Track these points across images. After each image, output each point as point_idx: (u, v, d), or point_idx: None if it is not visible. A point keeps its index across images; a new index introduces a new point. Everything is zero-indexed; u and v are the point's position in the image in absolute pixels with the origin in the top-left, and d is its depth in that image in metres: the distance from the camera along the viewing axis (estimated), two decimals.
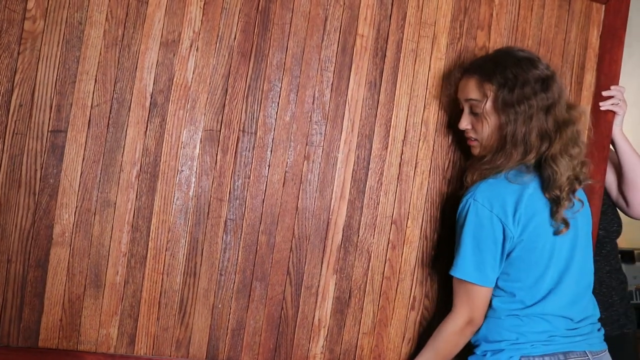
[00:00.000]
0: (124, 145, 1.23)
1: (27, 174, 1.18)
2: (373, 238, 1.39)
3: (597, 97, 1.58)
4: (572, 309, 1.31)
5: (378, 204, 1.39)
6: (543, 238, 1.27)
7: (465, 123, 1.33)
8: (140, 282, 1.25)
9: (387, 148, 1.39)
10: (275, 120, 1.32)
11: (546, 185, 1.26)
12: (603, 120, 1.59)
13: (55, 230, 1.20)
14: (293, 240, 1.34)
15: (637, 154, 1.61)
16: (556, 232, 1.27)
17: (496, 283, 1.30)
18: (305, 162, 1.34)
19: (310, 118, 1.34)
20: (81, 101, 1.21)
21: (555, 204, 1.26)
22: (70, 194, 1.20)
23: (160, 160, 1.25)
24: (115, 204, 1.23)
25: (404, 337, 1.43)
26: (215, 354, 1.30)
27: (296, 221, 1.34)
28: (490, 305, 1.30)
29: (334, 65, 1.35)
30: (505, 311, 1.29)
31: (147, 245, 1.25)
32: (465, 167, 1.38)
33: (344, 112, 1.36)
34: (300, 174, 1.34)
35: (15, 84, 1.17)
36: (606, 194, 1.72)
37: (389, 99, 1.39)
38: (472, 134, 1.34)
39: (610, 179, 1.71)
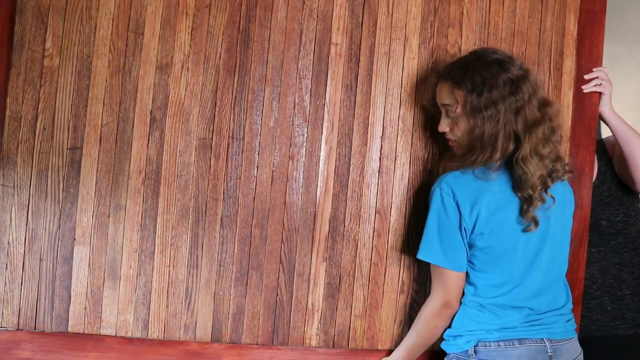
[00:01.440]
0: (130, 156, 1.44)
1: (52, 186, 1.41)
2: (358, 227, 1.51)
3: (580, 82, 1.61)
4: (536, 301, 1.36)
5: (361, 195, 1.51)
6: (507, 233, 1.33)
7: (443, 126, 1.41)
8: (150, 274, 1.44)
9: (366, 144, 1.52)
10: (261, 126, 1.48)
11: (518, 184, 1.31)
12: (588, 104, 1.63)
13: (77, 232, 1.42)
14: (283, 232, 1.49)
15: (631, 129, 1.59)
16: (525, 230, 1.32)
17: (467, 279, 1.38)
18: (290, 161, 1.49)
19: (292, 122, 1.49)
20: (93, 122, 1.43)
21: (526, 203, 1.31)
22: (87, 201, 1.42)
23: (161, 168, 1.45)
24: (125, 207, 1.43)
25: (395, 319, 1.53)
26: (219, 336, 1.46)
27: (285, 215, 1.49)
28: None
29: (311, 73, 1.50)
30: (469, 301, 1.37)
31: (155, 241, 1.44)
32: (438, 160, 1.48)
33: (323, 115, 1.50)
34: (286, 172, 1.49)
35: (39, 112, 1.41)
36: (615, 184, 1.71)
37: (365, 99, 1.52)
38: (450, 136, 1.41)
39: (617, 165, 1.71)
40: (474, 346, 1.34)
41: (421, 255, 1.38)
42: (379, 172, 1.52)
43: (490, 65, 1.34)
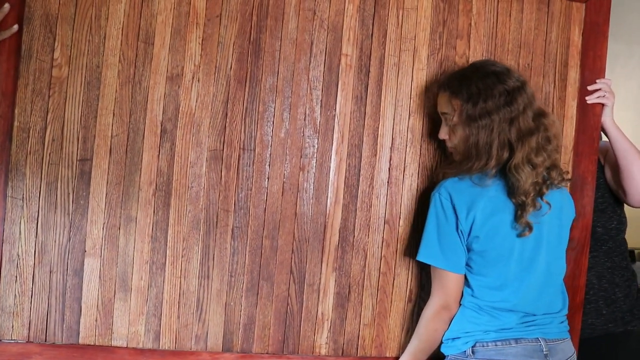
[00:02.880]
0: (141, 168, 1.43)
1: (61, 197, 1.40)
2: (368, 237, 1.53)
3: (584, 92, 1.65)
4: (532, 305, 1.40)
5: (370, 206, 1.53)
6: (502, 237, 1.36)
7: (442, 134, 1.46)
8: (161, 285, 1.44)
9: (376, 155, 1.53)
10: (271, 137, 1.48)
11: (512, 191, 1.36)
12: (591, 114, 1.66)
13: (87, 244, 1.41)
14: (294, 243, 1.50)
15: (629, 142, 1.64)
16: (519, 235, 1.37)
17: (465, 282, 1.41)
18: (301, 172, 1.50)
19: (303, 133, 1.50)
20: (102, 133, 1.41)
21: (520, 209, 1.35)
22: (98, 213, 1.41)
23: (172, 179, 1.44)
24: (136, 219, 1.43)
25: (403, 327, 1.55)
26: (230, 346, 1.47)
27: (296, 226, 1.50)
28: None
29: (321, 84, 1.50)
30: (467, 302, 1.40)
31: (166, 253, 1.44)
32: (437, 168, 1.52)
33: (334, 126, 1.51)
34: (297, 183, 1.49)
35: (47, 122, 1.39)
36: (608, 191, 1.76)
37: (375, 110, 1.53)
38: (449, 143, 1.46)
39: (608, 173, 1.76)
40: (472, 347, 1.38)
41: (421, 257, 1.41)
42: (388, 182, 1.54)
43: (487, 76, 1.39)
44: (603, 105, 1.65)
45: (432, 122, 1.55)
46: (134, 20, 1.42)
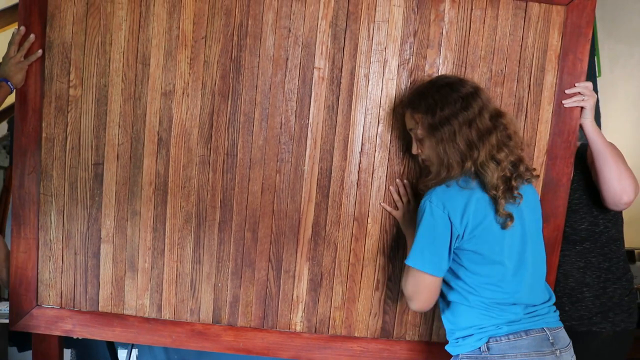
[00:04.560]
0: (142, 170, 1.70)
1: (81, 195, 1.71)
2: (338, 232, 1.72)
3: (561, 96, 1.67)
4: (530, 296, 1.49)
5: (341, 205, 1.71)
6: (494, 234, 1.45)
7: (414, 149, 1.57)
8: (162, 268, 1.74)
9: (346, 159, 1.69)
10: (251, 144, 1.69)
11: (485, 187, 1.46)
12: (568, 118, 1.69)
13: (102, 233, 1.73)
14: (272, 235, 1.72)
15: (605, 145, 1.65)
16: (503, 226, 1.45)
17: (461, 277, 1.48)
18: (278, 175, 1.70)
19: (279, 140, 1.69)
20: (111, 142, 1.69)
21: (495, 202, 1.45)
22: (109, 207, 1.72)
23: (168, 180, 1.70)
24: (140, 213, 1.72)
25: (370, 312, 1.75)
26: (219, 319, 1.76)
27: (273, 221, 1.72)
28: (459, 296, 1.49)
29: (296, 95, 1.67)
30: (471, 302, 1.47)
31: (164, 241, 1.73)
32: (418, 181, 1.64)
33: (307, 133, 1.68)
34: (274, 184, 1.70)
35: (67, 134, 1.69)
36: (586, 193, 1.77)
37: (346, 119, 1.68)
38: (422, 156, 1.56)
39: (593, 174, 1.74)
40: (486, 343, 1.44)
41: (410, 262, 1.47)
42: (357, 184, 1.70)
43: (441, 88, 1.50)
44: (582, 108, 1.67)
45: (401, 129, 1.67)
46: (132, 45, 1.66)
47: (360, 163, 1.69)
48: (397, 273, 1.73)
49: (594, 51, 3.00)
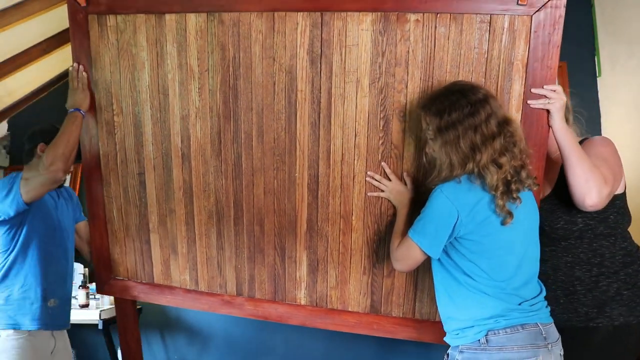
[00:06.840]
0: (173, 178, 2.14)
1: (132, 197, 2.21)
2: (328, 227, 2.03)
3: (528, 97, 1.74)
4: (525, 290, 1.61)
5: (328, 205, 2.00)
6: (495, 228, 1.56)
7: (427, 148, 1.71)
8: (195, 252, 2.20)
9: (330, 167, 1.96)
10: (252, 156, 2.03)
11: (485, 187, 1.57)
12: (537, 125, 1.77)
13: (150, 226, 2.23)
14: (275, 229, 2.09)
15: (573, 147, 1.67)
16: (503, 222, 1.56)
17: (462, 269, 1.59)
18: (275, 180, 2.03)
19: (274, 152, 2.00)
20: (148, 156, 2.14)
21: (494, 201, 1.56)
22: (153, 207, 2.19)
23: (192, 185, 2.12)
24: (175, 211, 2.18)
25: (360, 292, 2.07)
26: (242, 292, 2.20)
27: (276, 217, 2.07)
28: (460, 287, 1.60)
29: (284, 114, 1.96)
30: (471, 292, 1.57)
31: (195, 232, 2.18)
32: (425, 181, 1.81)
33: (296, 146, 1.97)
34: (273, 188, 2.04)
35: (117, 151, 2.17)
36: (558, 193, 1.82)
37: (327, 133, 1.93)
38: (433, 154, 1.67)
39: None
40: (485, 335, 1.54)
41: (411, 234, 1.62)
42: (341, 187, 1.97)
43: (453, 93, 1.63)
44: (549, 111, 1.72)
45: (377, 138, 1.89)
46: (154, 80, 2.05)
47: (342, 170, 1.95)
48: (381, 262, 2.01)
49: (594, 51, 2.82)
